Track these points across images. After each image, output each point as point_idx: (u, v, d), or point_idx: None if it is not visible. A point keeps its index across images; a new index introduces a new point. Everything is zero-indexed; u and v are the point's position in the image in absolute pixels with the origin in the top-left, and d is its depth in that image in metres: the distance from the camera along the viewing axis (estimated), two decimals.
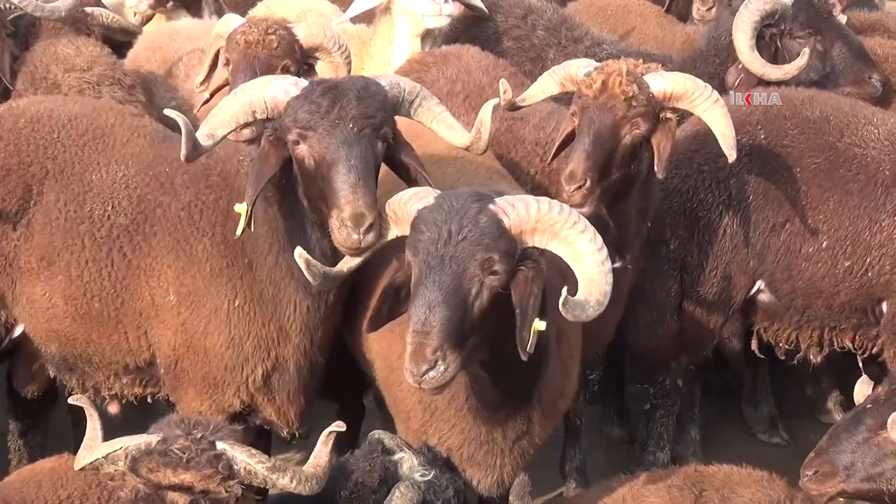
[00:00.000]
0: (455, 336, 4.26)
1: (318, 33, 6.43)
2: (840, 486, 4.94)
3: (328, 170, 4.75)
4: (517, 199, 4.42)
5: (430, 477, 4.83)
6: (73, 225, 5.53)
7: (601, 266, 4.36)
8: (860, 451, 4.90)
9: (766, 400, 7.44)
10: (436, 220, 4.38)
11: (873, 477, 4.89)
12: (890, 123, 6.42)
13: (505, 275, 4.34)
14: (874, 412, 4.91)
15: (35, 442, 6.36)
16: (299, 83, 4.94)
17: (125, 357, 5.63)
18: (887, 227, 6.20)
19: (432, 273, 4.30)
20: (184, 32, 7.76)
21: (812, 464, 5.00)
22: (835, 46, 7.16)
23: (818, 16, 7.19)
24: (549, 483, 6.80)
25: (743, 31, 7.01)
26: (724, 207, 6.33)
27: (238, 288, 5.37)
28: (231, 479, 4.27)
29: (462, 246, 4.31)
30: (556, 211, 4.38)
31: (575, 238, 4.37)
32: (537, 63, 7.59)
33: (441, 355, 4.23)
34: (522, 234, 4.37)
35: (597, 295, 4.34)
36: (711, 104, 5.54)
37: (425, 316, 4.25)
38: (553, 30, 7.73)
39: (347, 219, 4.67)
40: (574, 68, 5.67)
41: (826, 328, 6.43)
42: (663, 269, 6.42)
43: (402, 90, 5.04)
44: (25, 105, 5.89)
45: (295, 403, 5.54)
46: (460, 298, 4.28)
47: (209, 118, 4.99)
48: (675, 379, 6.66)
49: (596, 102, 5.44)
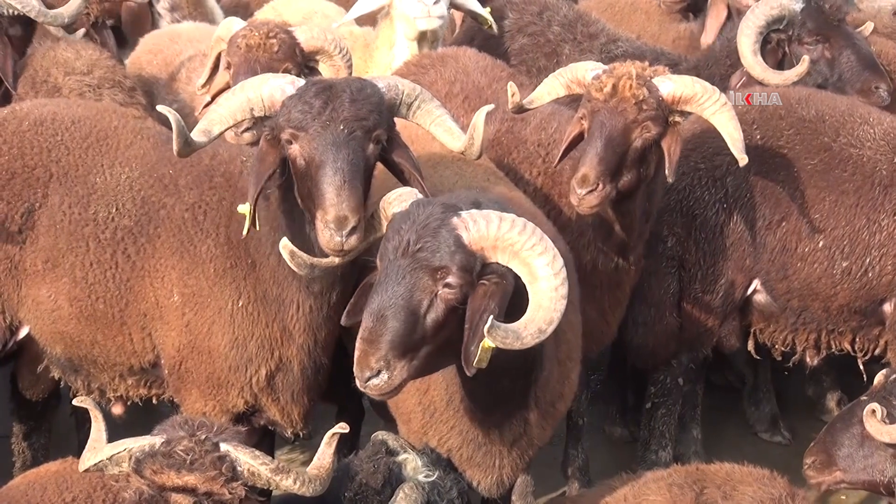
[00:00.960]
0: (402, 346, 4.27)
1: (319, 37, 6.44)
2: (837, 476, 5.02)
3: (316, 171, 4.76)
4: (481, 214, 4.35)
5: (433, 478, 4.84)
6: (77, 227, 5.55)
7: (553, 293, 4.26)
8: (854, 444, 4.99)
9: (768, 399, 7.45)
10: (400, 229, 4.39)
11: (868, 468, 4.98)
12: (886, 122, 6.41)
13: (460, 289, 4.31)
14: (866, 405, 4.99)
15: (39, 445, 6.39)
16: (296, 82, 4.95)
17: (130, 358, 5.65)
18: (887, 227, 6.20)
19: (387, 281, 4.32)
20: (185, 35, 7.79)
21: (812, 452, 5.13)
22: (843, 54, 7.15)
23: (827, 23, 7.17)
24: (552, 483, 6.83)
25: (747, 35, 7.02)
26: (720, 205, 6.33)
27: (242, 288, 5.39)
28: (234, 480, 4.28)
29: (418, 257, 4.31)
30: (518, 230, 4.30)
31: (533, 260, 4.28)
32: (552, 58, 7.61)
33: (384, 364, 4.26)
34: (484, 251, 4.32)
35: (540, 323, 4.26)
36: (720, 107, 5.58)
37: (373, 324, 4.28)
38: (569, 26, 7.73)
39: (331, 221, 4.69)
40: (581, 71, 5.68)
41: (823, 331, 6.43)
42: (661, 267, 6.43)
43: (401, 92, 5.03)
44: (29, 108, 5.90)
45: (299, 404, 5.56)
46: (411, 309, 4.28)
47: (207, 114, 5.01)
48: (675, 377, 6.67)
49: (606, 106, 5.47)
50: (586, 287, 5.53)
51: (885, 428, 4.80)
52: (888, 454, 4.93)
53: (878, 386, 5.06)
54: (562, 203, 5.89)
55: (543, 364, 4.83)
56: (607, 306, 6.00)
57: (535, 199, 5.73)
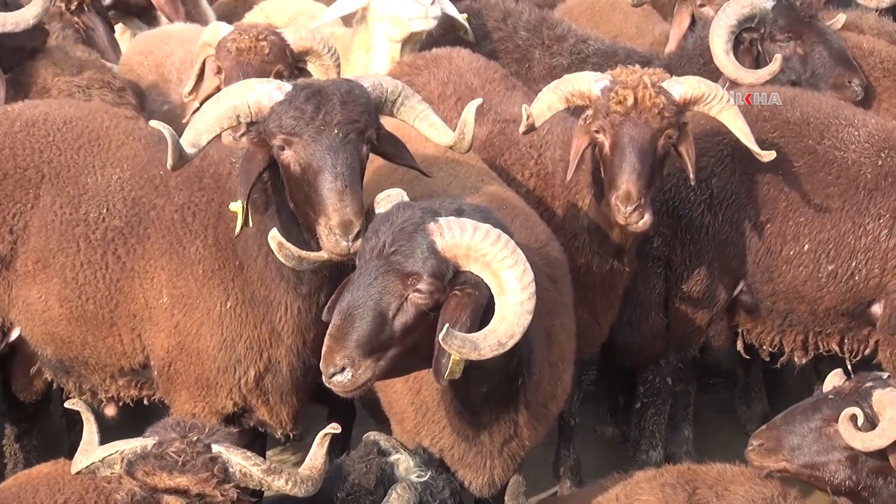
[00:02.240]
0: (368, 346, 4.32)
1: (308, 37, 6.45)
2: (782, 465, 5.00)
3: (314, 177, 4.78)
4: (457, 222, 4.36)
5: (426, 478, 4.85)
6: (68, 227, 5.55)
7: (519, 307, 4.27)
8: (810, 437, 4.96)
9: (760, 398, 7.48)
10: (378, 230, 4.44)
11: (817, 465, 4.95)
12: (871, 125, 6.40)
13: (430, 295, 4.34)
14: (833, 404, 4.97)
15: (31, 446, 6.39)
16: (283, 87, 4.95)
17: (120, 359, 5.65)
18: (872, 231, 6.19)
19: (359, 281, 4.37)
20: (176, 36, 7.77)
21: (760, 436, 5.07)
22: (815, 50, 7.13)
23: (799, 20, 7.16)
24: (544, 483, 6.85)
25: (719, 34, 7.00)
26: (705, 206, 6.33)
27: (230, 290, 5.39)
28: (227, 482, 4.30)
29: (391, 260, 4.35)
30: (490, 241, 4.31)
31: (502, 272, 4.30)
32: (523, 63, 7.59)
33: (349, 362, 4.32)
34: (457, 258, 4.35)
35: (500, 335, 4.27)
36: (726, 105, 5.66)
37: (341, 322, 4.34)
38: (534, 30, 7.69)
39: (336, 226, 4.71)
40: (584, 84, 5.65)
41: (811, 332, 6.44)
42: (647, 267, 6.41)
43: (385, 90, 5.06)
44: (21, 109, 5.90)
45: (288, 404, 5.57)
46: (379, 311, 4.32)
47: (193, 123, 4.99)
48: (664, 377, 6.68)
49: (629, 118, 5.47)
50: (579, 289, 5.54)
51: (858, 434, 4.79)
52: (844, 457, 4.92)
53: (848, 388, 5.02)
54: (555, 205, 5.91)
55: (532, 368, 4.85)
56: (600, 308, 6.03)
57: (527, 200, 5.74)
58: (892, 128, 6.42)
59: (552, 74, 7.40)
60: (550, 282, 5.05)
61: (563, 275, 5.26)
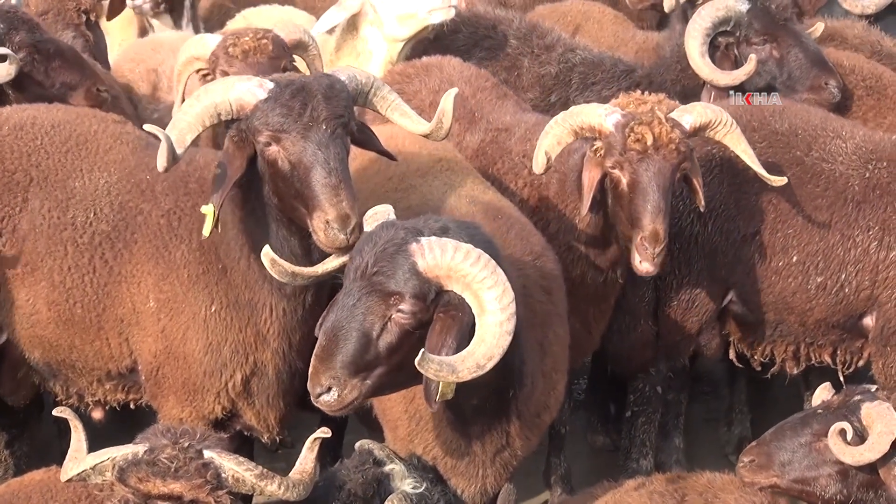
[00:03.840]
0: (353, 366, 4.35)
1: (295, 31, 6.57)
2: (773, 480, 4.99)
3: (306, 173, 4.79)
4: (438, 242, 4.37)
5: (422, 489, 4.86)
6: (56, 231, 5.53)
7: (498, 328, 4.28)
8: (800, 453, 4.95)
9: (741, 420, 7.43)
10: (362, 250, 4.48)
11: (808, 480, 4.94)
12: (858, 137, 6.40)
13: (413, 315, 4.37)
14: (822, 419, 4.96)
15: (21, 452, 6.37)
16: (264, 84, 4.96)
17: (107, 363, 5.63)
18: (861, 243, 6.19)
19: (344, 301, 4.41)
20: (167, 44, 7.72)
21: (751, 452, 5.07)
22: (791, 53, 7.13)
23: (774, 22, 7.16)
24: (535, 491, 6.86)
25: (694, 37, 7.01)
26: (695, 216, 6.32)
27: (214, 294, 5.39)
28: (220, 488, 4.30)
29: (373, 280, 4.38)
30: (471, 262, 4.31)
31: (483, 293, 4.31)
32: (512, 72, 7.59)
33: (335, 382, 4.36)
34: (439, 279, 4.37)
35: (479, 357, 4.28)
36: (730, 128, 5.73)
37: (326, 342, 4.39)
38: (524, 38, 7.69)
39: (333, 220, 4.73)
40: (594, 118, 5.59)
41: (801, 343, 6.45)
42: (636, 275, 6.45)
43: (360, 82, 5.12)
44: (9, 113, 5.86)
45: (275, 408, 5.57)
46: (363, 331, 4.35)
47: (174, 124, 4.97)
48: (654, 386, 6.69)
49: (647, 155, 5.47)
50: (572, 299, 5.54)
51: (848, 449, 4.80)
52: (834, 471, 4.91)
53: (836, 402, 5.01)
54: (549, 215, 5.91)
55: (524, 380, 4.87)
56: (592, 318, 6.05)
57: (520, 210, 5.72)
58: (880, 140, 6.43)
59: (540, 83, 7.47)
60: (545, 293, 5.08)
61: (557, 286, 5.27)
